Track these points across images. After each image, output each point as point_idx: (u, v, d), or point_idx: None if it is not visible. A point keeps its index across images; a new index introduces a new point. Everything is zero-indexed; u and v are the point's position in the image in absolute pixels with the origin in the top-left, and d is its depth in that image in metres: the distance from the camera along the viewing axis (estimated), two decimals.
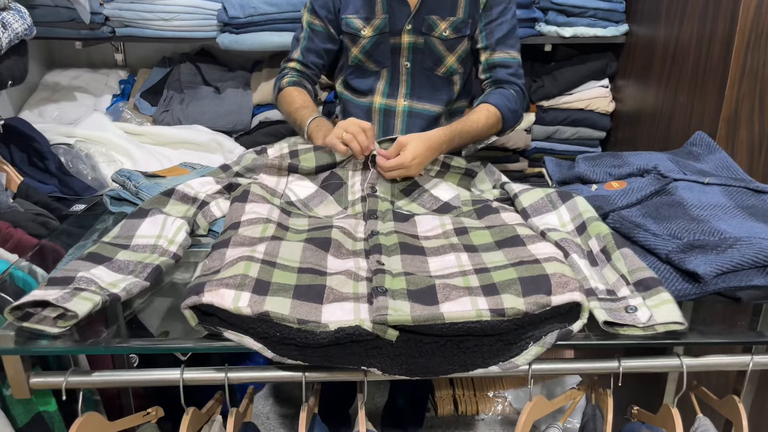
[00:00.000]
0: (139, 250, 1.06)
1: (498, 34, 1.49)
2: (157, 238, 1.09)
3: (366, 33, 1.49)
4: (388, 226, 1.16)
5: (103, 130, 1.68)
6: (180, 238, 1.09)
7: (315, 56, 1.58)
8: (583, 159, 1.46)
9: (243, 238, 1.04)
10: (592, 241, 1.05)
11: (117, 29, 2.02)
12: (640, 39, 2.01)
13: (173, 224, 1.11)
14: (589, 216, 1.09)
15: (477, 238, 1.11)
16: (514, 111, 1.49)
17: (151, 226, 1.11)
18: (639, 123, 2.03)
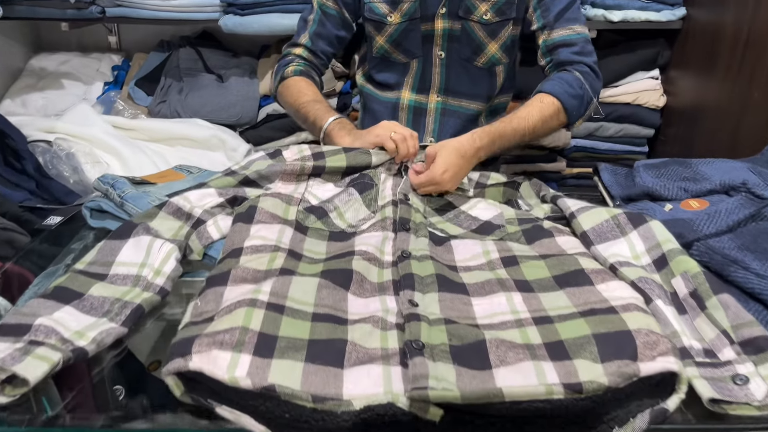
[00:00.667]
0: (118, 282, 0.89)
1: (556, 8, 1.28)
2: (140, 267, 0.91)
3: (393, 20, 1.30)
4: (422, 245, 0.97)
5: (88, 125, 1.51)
6: (168, 268, 0.91)
7: (325, 43, 1.40)
8: (645, 167, 1.26)
9: (245, 272, 0.86)
10: (677, 280, 0.85)
11: (107, 9, 1.84)
12: (700, 24, 1.80)
13: (161, 249, 0.93)
14: (670, 247, 0.89)
15: (530, 271, 0.92)
16: (578, 96, 1.25)
17: (134, 250, 0.93)
18: (696, 121, 1.82)
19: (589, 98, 1.29)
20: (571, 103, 1.25)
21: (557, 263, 0.92)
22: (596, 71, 1.31)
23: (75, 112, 1.56)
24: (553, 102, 1.23)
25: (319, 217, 1.07)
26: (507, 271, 0.93)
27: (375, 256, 0.94)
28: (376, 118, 1.41)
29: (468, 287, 0.89)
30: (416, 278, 0.87)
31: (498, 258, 0.96)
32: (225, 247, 0.96)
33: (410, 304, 0.82)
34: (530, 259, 0.95)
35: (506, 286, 0.88)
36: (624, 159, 2.06)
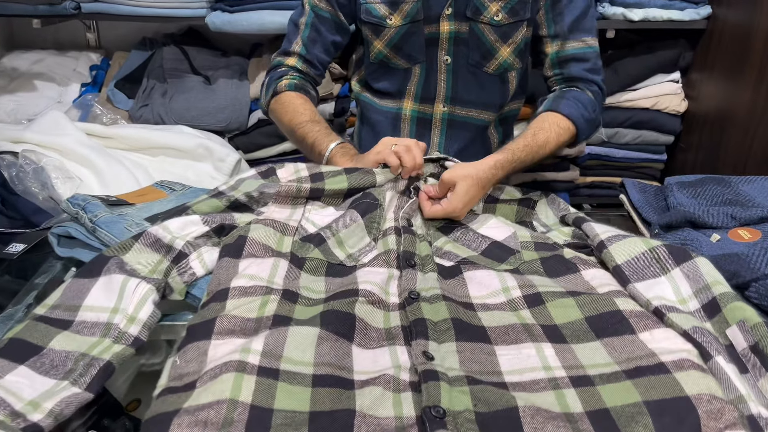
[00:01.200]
0: (85, 332, 0.77)
1: (571, 16, 1.18)
2: (111, 313, 0.79)
3: (393, 22, 1.19)
4: (430, 282, 0.87)
5: (60, 134, 1.38)
6: (144, 314, 0.79)
7: (321, 50, 1.29)
8: (679, 186, 1.15)
9: (233, 322, 0.75)
10: (733, 331, 0.75)
11: (83, 4, 1.72)
12: (728, 24, 1.69)
13: (136, 291, 0.81)
14: (722, 291, 0.79)
15: (559, 312, 0.81)
16: (591, 121, 1.19)
17: (104, 292, 0.82)
18: (720, 128, 1.72)
19: (598, 123, 1.23)
20: (585, 128, 1.18)
21: (590, 302, 0.81)
22: (604, 91, 1.25)
23: (45, 120, 1.44)
24: (569, 128, 1.16)
25: (316, 245, 0.95)
26: (532, 314, 0.82)
27: (380, 298, 0.82)
28: (374, 130, 1.30)
29: (489, 332, 0.78)
30: (429, 324, 0.77)
31: (520, 296, 0.85)
32: (210, 286, 0.84)
33: (425, 356, 0.71)
34: (557, 296, 0.84)
35: (534, 334, 0.77)
36: (641, 167, 1.96)
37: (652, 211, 1.12)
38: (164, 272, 0.87)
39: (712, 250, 0.89)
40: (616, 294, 0.83)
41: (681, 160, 1.92)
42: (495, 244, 0.99)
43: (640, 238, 0.90)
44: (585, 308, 0.80)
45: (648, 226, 1.10)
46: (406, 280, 0.86)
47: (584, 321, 0.78)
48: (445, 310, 0.80)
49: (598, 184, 1.97)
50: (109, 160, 1.41)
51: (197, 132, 1.62)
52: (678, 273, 0.84)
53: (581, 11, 1.18)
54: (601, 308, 0.79)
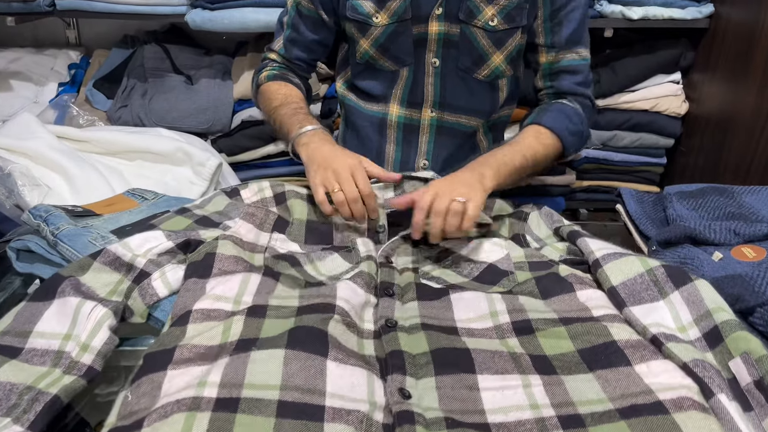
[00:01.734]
0: (34, 361, 0.71)
1: (569, 28, 1.13)
2: (64, 340, 0.74)
3: (379, 20, 1.13)
4: (410, 312, 0.81)
5: (29, 138, 1.32)
6: (99, 342, 0.74)
7: (300, 50, 1.25)
8: (679, 196, 1.10)
9: (193, 351, 0.69)
10: (737, 364, 0.69)
11: (58, 2, 1.66)
12: (731, 23, 1.63)
13: (90, 316, 0.76)
14: (724, 318, 0.73)
15: (550, 342, 0.76)
16: (578, 134, 1.14)
17: (57, 316, 0.76)
18: (722, 131, 1.66)
19: (587, 135, 1.18)
20: (571, 141, 1.13)
21: (583, 332, 0.76)
22: (594, 103, 1.20)
23: (15, 123, 1.38)
24: (554, 143, 1.11)
25: (291, 264, 0.90)
26: (521, 342, 0.76)
27: (354, 322, 0.77)
28: (359, 135, 1.24)
29: (474, 355, 0.72)
30: (407, 358, 0.71)
31: (509, 323, 0.80)
32: (174, 309, 0.79)
33: (401, 394, 0.65)
34: (548, 324, 0.78)
35: (521, 364, 0.71)
36: (640, 171, 1.90)
37: (650, 224, 1.07)
38: (124, 293, 0.82)
39: (714, 270, 0.83)
40: (611, 319, 0.77)
41: (681, 164, 1.86)
42: (488, 269, 0.93)
43: (638, 257, 0.85)
44: (577, 340, 0.74)
45: (646, 239, 1.05)
46: (383, 308, 0.81)
47: (576, 353, 0.72)
48: (425, 342, 0.74)
49: (595, 189, 1.91)
50: (82, 165, 1.35)
51: (176, 135, 1.55)
52: (677, 297, 0.78)
53: (579, 22, 1.13)
54: (595, 340, 0.73)
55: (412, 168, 1.22)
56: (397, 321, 0.77)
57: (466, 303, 0.84)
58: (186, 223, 0.96)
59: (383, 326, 0.76)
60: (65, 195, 1.32)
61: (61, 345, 0.73)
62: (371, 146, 1.22)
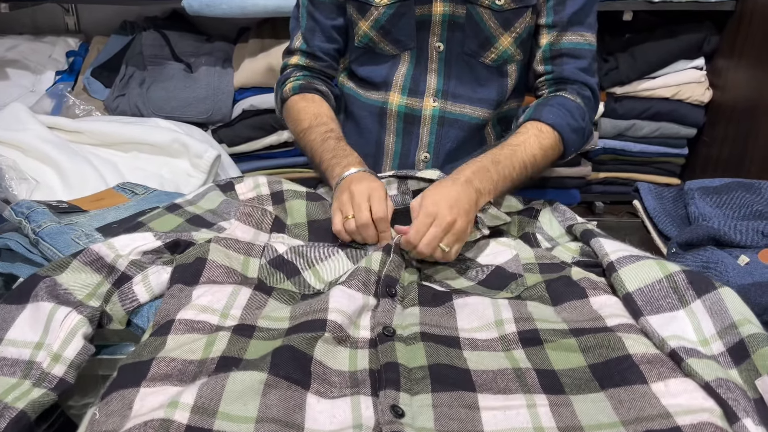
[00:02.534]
0: (4, 371, 0.68)
1: (573, 7, 1.06)
2: (35, 349, 0.70)
3: (380, 1, 1.07)
4: (409, 318, 0.76)
5: (19, 130, 1.28)
6: (71, 352, 0.69)
7: (322, 39, 1.16)
8: (701, 192, 1.03)
9: (170, 366, 0.65)
10: (764, 381, 0.63)
11: None
12: (758, 4, 1.55)
13: (64, 323, 0.71)
14: (751, 331, 0.67)
15: (558, 356, 0.70)
16: (579, 130, 1.06)
17: (29, 322, 0.72)
18: (749, 120, 1.58)
19: (589, 132, 1.10)
20: (572, 138, 1.05)
21: (595, 345, 0.70)
22: (597, 95, 1.12)
23: (5, 114, 1.34)
24: (552, 136, 1.03)
25: (288, 275, 0.85)
26: (527, 354, 0.70)
27: (347, 335, 0.72)
28: (359, 126, 1.18)
29: (474, 376, 0.67)
30: (402, 371, 0.66)
31: (515, 333, 0.74)
32: (157, 317, 0.74)
33: (393, 412, 0.60)
34: (558, 335, 0.72)
35: (526, 382, 0.66)
36: (659, 163, 1.83)
37: (670, 222, 1.00)
38: (104, 297, 0.77)
39: (740, 277, 0.77)
40: (626, 329, 0.71)
41: (704, 156, 1.78)
42: (495, 272, 0.87)
43: (656, 261, 0.78)
44: (589, 353, 0.69)
45: (665, 239, 0.98)
46: (382, 312, 0.75)
47: (587, 369, 0.66)
48: (423, 355, 0.69)
49: (611, 181, 1.84)
50: (74, 158, 1.31)
51: (174, 125, 1.51)
52: (699, 306, 0.72)
53: (584, 4, 1.06)
54: (608, 354, 0.68)
55: (413, 161, 1.15)
56: (395, 329, 0.72)
57: (471, 309, 0.79)
58: (177, 222, 0.91)
59: (380, 335, 0.71)
60: (56, 188, 1.28)
61: (32, 354, 0.69)
62: (370, 137, 1.16)
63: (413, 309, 0.78)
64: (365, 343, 0.72)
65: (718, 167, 1.71)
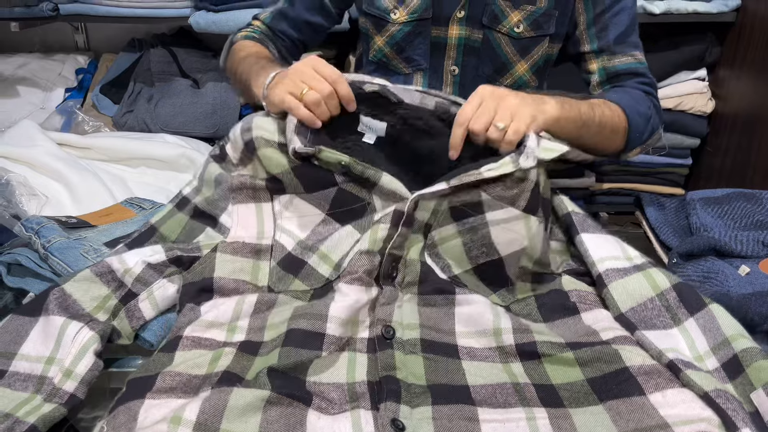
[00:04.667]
0: (16, 385, 0.69)
1: (616, 30, 1.04)
2: (47, 364, 0.71)
3: (398, 17, 1.07)
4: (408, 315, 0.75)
5: (29, 146, 1.31)
6: (83, 368, 0.70)
7: (289, 25, 1.18)
8: (703, 203, 1.04)
9: (175, 379, 0.66)
10: (759, 396, 0.63)
11: (61, 5, 1.64)
12: (759, 17, 1.55)
13: (76, 339, 0.73)
14: (744, 346, 0.67)
15: (557, 370, 0.70)
16: (644, 116, 1.00)
17: (42, 337, 0.73)
18: (752, 130, 1.58)
19: (655, 125, 1.04)
20: (637, 121, 0.98)
21: (592, 358, 0.69)
22: (660, 109, 1.07)
23: (16, 130, 1.36)
24: (617, 108, 0.96)
25: (296, 272, 0.82)
26: (525, 369, 0.70)
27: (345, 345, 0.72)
28: None
29: (473, 392, 0.67)
30: (402, 385, 0.66)
31: (513, 345, 0.74)
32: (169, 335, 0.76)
33: (394, 427, 0.61)
34: (555, 349, 0.72)
35: (525, 396, 0.66)
36: (663, 173, 1.83)
37: (672, 232, 1.01)
38: (112, 310, 0.78)
39: (740, 286, 0.77)
40: (622, 342, 0.72)
41: (708, 166, 1.78)
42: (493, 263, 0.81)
43: (644, 275, 0.77)
44: (587, 367, 0.69)
45: (667, 249, 0.99)
46: (381, 306, 0.75)
47: (585, 382, 0.67)
48: (422, 371, 0.69)
49: (615, 191, 1.84)
50: (83, 174, 1.33)
51: (181, 140, 1.53)
52: (692, 324, 0.72)
53: (627, 25, 1.05)
54: (606, 368, 0.68)
55: None
56: (395, 330, 0.72)
57: (470, 311, 0.78)
58: (183, 221, 0.90)
59: (379, 337, 0.71)
60: (66, 203, 1.30)
61: (44, 369, 0.70)
62: None
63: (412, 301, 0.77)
64: (364, 345, 0.72)
65: (722, 177, 1.71)
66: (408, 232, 0.80)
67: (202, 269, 0.82)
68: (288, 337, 0.71)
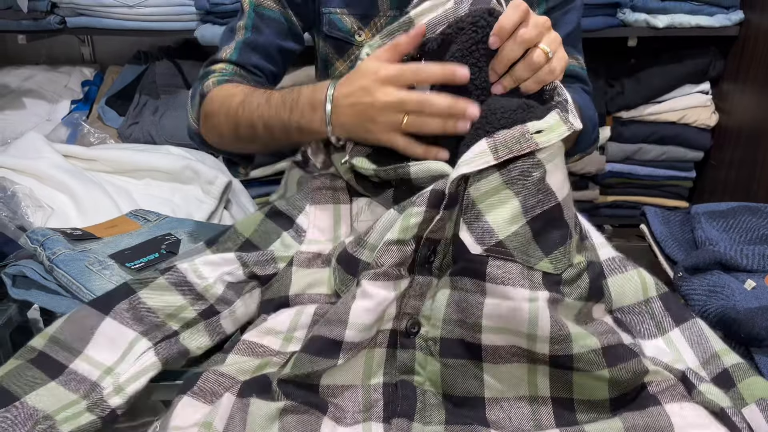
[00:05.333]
0: (71, 385, 0.68)
1: (565, 29, 0.97)
2: (104, 373, 0.70)
3: (363, 39, 0.98)
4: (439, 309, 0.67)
5: (35, 158, 1.31)
6: (133, 389, 0.69)
7: (260, 56, 0.99)
8: (707, 216, 1.03)
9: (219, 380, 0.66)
10: (752, 411, 0.61)
11: (68, 18, 1.66)
12: (762, 30, 1.56)
13: (140, 360, 0.71)
14: (735, 362, 0.66)
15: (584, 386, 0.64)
16: (593, 123, 0.98)
17: (109, 344, 0.72)
18: (755, 143, 1.59)
19: (597, 134, 1.03)
20: (587, 126, 0.89)
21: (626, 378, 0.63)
22: None
23: (22, 142, 1.37)
24: None
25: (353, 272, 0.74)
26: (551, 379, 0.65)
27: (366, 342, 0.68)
28: None
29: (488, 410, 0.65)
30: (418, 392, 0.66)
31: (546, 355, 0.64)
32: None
33: None
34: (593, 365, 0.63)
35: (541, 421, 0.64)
36: (667, 186, 1.83)
37: (677, 246, 1.00)
38: (186, 322, 0.76)
39: (746, 301, 0.77)
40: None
41: (712, 179, 1.78)
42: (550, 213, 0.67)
43: (637, 273, 0.74)
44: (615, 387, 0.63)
45: (672, 263, 0.98)
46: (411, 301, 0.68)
47: (608, 402, 0.65)
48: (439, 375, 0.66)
49: (620, 204, 1.84)
50: (88, 185, 1.34)
51: (185, 152, 1.54)
52: (677, 335, 0.71)
53: (575, 26, 1.01)
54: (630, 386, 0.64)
55: None
56: (420, 325, 0.68)
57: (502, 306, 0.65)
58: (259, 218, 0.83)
59: (403, 332, 0.68)
60: (71, 215, 1.30)
61: (99, 377, 0.70)
62: None
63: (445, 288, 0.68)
64: (385, 338, 0.68)
65: (726, 190, 1.71)
66: (451, 214, 0.68)
67: (278, 287, 0.78)
68: (308, 343, 0.68)
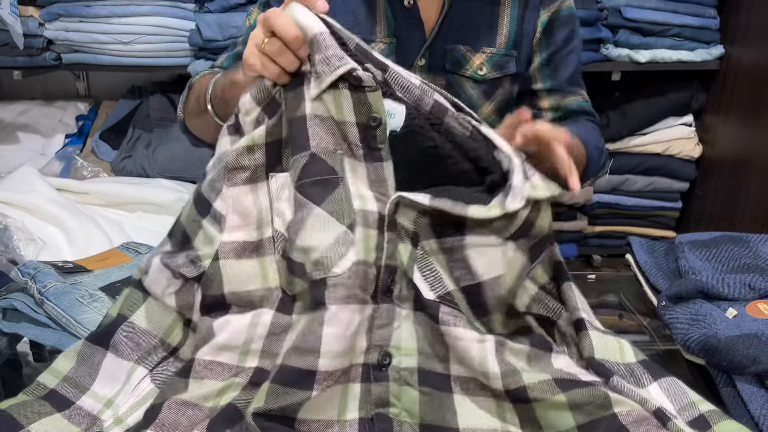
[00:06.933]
0: (75, 419, 0.67)
1: (567, 70, 1.08)
2: (105, 406, 0.69)
3: None
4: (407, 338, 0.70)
5: (28, 191, 1.33)
6: (134, 420, 0.68)
7: None
8: (691, 246, 1.05)
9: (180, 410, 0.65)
10: None
11: (64, 55, 1.69)
12: (742, 64, 1.61)
13: (138, 387, 0.70)
14: (709, 408, 0.67)
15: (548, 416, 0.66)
16: (600, 150, 1.03)
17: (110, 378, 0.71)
18: (739, 174, 1.62)
19: (605, 158, 1.08)
20: (595, 154, 1.00)
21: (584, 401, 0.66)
22: None
23: (15, 176, 1.39)
24: (579, 145, 0.96)
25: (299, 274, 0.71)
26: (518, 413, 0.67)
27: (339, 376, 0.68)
28: None
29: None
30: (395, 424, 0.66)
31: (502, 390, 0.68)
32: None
33: None
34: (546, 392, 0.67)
35: None
36: (654, 216, 1.86)
37: (661, 275, 1.02)
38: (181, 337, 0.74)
39: (728, 329, 0.78)
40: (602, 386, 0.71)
41: (698, 209, 1.81)
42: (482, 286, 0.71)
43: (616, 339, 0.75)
44: (579, 412, 0.66)
45: (656, 292, 1.00)
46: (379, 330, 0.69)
47: (576, 430, 0.66)
48: (416, 404, 0.68)
49: (607, 234, 1.87)
50: (81, 219, 1.35)
51: (177, 185, 1.56)
52: (656, 389, 0.72)
53: (576, 65, 1.10)
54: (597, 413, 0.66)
55: None
56: (392, 357, 0.69)
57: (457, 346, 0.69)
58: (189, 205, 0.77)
59: (375, 366, 0.69)
60: (63, 248, 1.31)
61: (100, 410, 0.69)
62: None
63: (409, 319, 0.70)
64: (358, 373, 0.69)
65: (712, 220, 1.74)
66: (395, 238, 0.71)
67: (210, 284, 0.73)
68: (279, 373, 0.67)
